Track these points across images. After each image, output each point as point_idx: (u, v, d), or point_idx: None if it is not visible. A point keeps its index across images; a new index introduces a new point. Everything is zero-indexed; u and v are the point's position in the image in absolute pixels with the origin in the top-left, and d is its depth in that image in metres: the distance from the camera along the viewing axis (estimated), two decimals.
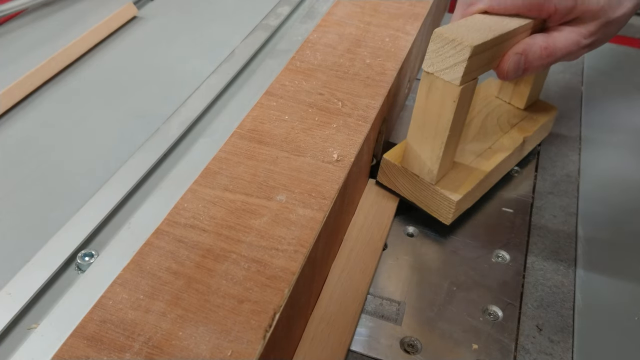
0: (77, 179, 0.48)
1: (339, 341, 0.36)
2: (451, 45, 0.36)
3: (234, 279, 0.30)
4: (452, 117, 0.39)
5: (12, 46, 0.62)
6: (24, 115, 0.54)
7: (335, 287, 0.39)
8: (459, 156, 0.46)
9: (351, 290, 0.39)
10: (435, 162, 0.42)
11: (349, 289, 0.39)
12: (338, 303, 0.38)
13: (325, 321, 0.37)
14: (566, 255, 0.44)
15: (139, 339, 0.27)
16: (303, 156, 0.38)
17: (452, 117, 0.39)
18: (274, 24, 0.65)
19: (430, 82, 0.39)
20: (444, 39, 0.36)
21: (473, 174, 0.45)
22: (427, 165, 0.43)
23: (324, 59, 0.47)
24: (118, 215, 0.44)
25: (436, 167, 0.42)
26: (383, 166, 0.46)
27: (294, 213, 0.34)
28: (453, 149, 0.43)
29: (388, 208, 0.46)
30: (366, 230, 0.44)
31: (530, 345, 0.38)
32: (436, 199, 0.44)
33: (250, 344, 0.27)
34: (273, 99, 0.42)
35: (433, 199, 0.44)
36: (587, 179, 0.50)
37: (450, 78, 0.37)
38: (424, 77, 0.39)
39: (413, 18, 0.53)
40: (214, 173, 0.36)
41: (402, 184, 0.45)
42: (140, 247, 0.32)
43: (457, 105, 0.38)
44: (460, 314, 0.39)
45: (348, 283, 0.40)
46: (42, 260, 0.39)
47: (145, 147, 0.49)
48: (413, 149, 0.43)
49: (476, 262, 0.43)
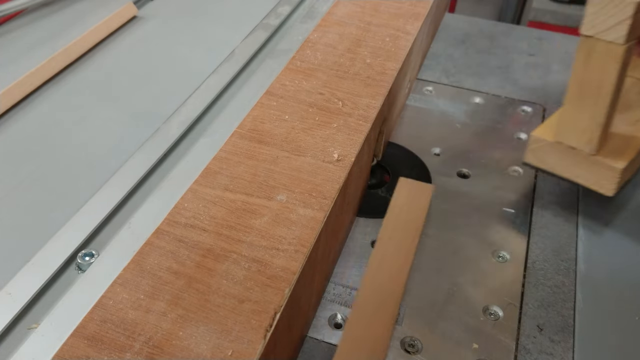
0: (77, 179, 0.48)
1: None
2: (613, 4, 0.37)
3: (234, 278, 0.30)
4: (616, 79, 0.39)
5: (12, 46, 0.62)
6: (24, 115, 0.54)
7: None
8: (612, 126, 0.44)
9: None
10: (596, 131, 0.41)
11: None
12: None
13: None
14: (567, 255, 0.44)
15: (139, 339, 0.27)
16: (303, 156, 0.38)
17: (615, 79, 0.39)
18: (274, 24, 0.65)
19: (590, 47, 0.39)
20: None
21: (632, 142, 0.44)
22: (585, 136, 0.42)
23: (325, 58, 0.47)
24: (118, 215, 0.44)
25: (597, 136, 0.41)
26: (532, 144, 0.45)
27: (294, 213, 0.34)
28: (612, 116, 0.42)
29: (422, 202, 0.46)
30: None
31: (531, 345, 0.38)
32: (598, 170, 0.42)
33: (251, 343, 0.27)
34: (273, 99, 0.42)
35: (593, 171, 0.43)
36: None
37: (613, 37, 0.38)
38: (582, 43, 0.39)
39: (413, 18, 0.53)
40: (214, 173, 0.36)
41: (556, 160, 0.44)
42: (140, 247, 0.32)
43: (621, 65, 0.39)
44: (461, 313, 0.39)
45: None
46: (43, 260, 0.39)
47: (145, 147, 0.49)
48: (569, 121, 0.42)
49: (476, 262, 0.43)
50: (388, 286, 0.39)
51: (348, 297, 0.40)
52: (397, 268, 0.40)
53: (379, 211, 0.46)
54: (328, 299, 0.40)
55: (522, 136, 0.54)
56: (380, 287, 0.39)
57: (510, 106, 0.58)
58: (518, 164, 0.51)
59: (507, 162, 0.52)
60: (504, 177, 0.50)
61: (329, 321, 0.38)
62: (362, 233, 0.44)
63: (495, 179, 0.50)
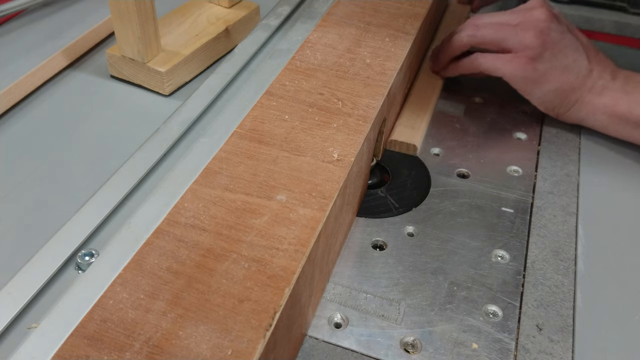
0: (77, 179, 0.48)
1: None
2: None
3: (234, 278, 0.30)
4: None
5: (12, 46, 0.62)
6: (24, 115, 0.54)
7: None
8: (170, 44, 0.58)
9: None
10: (139, 43, 0.53)
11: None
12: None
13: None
14: (566, 254, 0.44)
15: (139, 339, 0.27)
16: (303, 156, 0.38)
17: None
18: (274, 24, 0.65)
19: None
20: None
21: (178, 53, 0.57)
22: (134, 48, 0.54)
23: (324, 58, 0.47)
24: (118, 215, 0.44)
25: (142, 48, 0.54)
26: (109, 60, 0.57)
27: (294, 212, 0.34)
28: (152, 32, 0.54)
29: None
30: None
31: (531, 344, 0.38)
32: (151, 75, 0.56)
33: (251, 343, 0.27)
34: (273, 99, 0.42)
35: (149, 76, 0.56)
36: (587, 179, 0.50)
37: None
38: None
39: (413, 18, 0.53)
40: (214, 173, 0.36)
41: (127, 70, 0.57)
42: (140, 246, 0.32)
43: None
44: (460, 313, 0.39)
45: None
46: (43, 260, 0.39)
47: (145, 147, 0.49)
48: (122, 37, 0.54)
49: (476, 261, 0.43)
50: None
51: (348, 297, 0.40)
52: None
53: (379, 211, 0.46)
54: (328, 299, 0.40)
55: (522, 136, 0.55)
56: None
57: (510, 105, 0.58)
58: (518, 164, 0.51)
59: (507, 162, 0.52)
60: (503, 177, 0.50)
61: (329, 321, 0.38)
62: (362, 233, 0.45)
63: (495, 178, 0.50)
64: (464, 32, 0.53)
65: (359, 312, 0.39)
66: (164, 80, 0.56)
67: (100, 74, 0.60)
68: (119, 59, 0.57)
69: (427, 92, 0.57)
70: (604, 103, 0.50)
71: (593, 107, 0.51)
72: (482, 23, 0.53)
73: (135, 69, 0.57)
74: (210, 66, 0.61)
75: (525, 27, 0.50)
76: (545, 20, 0.50)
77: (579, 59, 0.51)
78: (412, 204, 0.47)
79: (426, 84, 0.58)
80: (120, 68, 0.58)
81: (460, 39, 0.54)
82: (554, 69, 0.50)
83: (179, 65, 0.56)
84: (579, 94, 0.51)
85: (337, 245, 0.41)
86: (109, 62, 0.58)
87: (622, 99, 0.50)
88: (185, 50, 0.57)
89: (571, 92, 0.51)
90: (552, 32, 0.50)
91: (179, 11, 0.63)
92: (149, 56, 0.56)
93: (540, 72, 0.50)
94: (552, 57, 0.50)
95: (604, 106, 0.50)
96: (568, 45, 0.51)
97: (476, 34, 0.53)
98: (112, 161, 0.48)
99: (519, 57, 0.50)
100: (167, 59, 0.56)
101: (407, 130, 0.52)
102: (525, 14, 0.51)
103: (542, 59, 0.50)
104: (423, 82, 0.59)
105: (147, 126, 0.52)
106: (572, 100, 0.51)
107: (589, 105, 0.51)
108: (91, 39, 0.63)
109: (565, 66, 0.50)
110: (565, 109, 0.52)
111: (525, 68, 0.50)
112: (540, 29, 0.50)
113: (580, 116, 0.52)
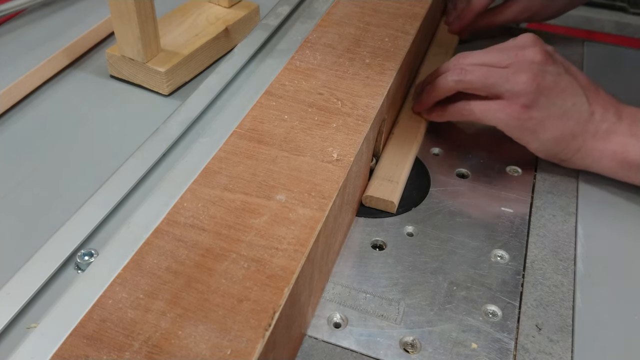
0: (76, 178, 0.48)
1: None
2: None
3: (233, 278, 0.30)
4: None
5: (12, 46, 0.62)
6: (24, 115, 0.54)
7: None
8: (170, 44, 0.58)
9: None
10: (139, 43, 0.54)
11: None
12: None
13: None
14: (565, 254, 0.44)
15: (138, 338, 0.27)
16: (303, 156, 0.38)
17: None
18: (274, 24, 0.65)
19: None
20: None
21: (178, 53, 0.57)
22: (134, 48, 0.54)
23: (324, 58, 0.47)
24: (118, 215, 0.44)
25: (141, 48, 0.54)
26: (108, 60, 0.57)
27: (293, 212, 0.34)
28: (152, 32, 0.54)
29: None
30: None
31: (530, 344, 0.38)
32: (151, 75, 0.56)
33: (250, 342, 0.27)
34: (273, 99, 0.42)
35: (149, 75, 0.56)
36: (586, 179, 0.50)
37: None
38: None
39: (412, 18, 0.53)
40: (213, 172, 0.36)
41: (127, 70, 0.57)
42: (140, 246, 0.32)
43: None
44: (460, 313, 0.39)
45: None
46: (42, 260, 0.39)
47: (145, 146, 0.49)
48: (121, 37, 0.55)
49: (476, 261, 0.43)
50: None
51: (347, 297, 0.40)
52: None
53: (379, 211, 0.46)
54: (327, 299, 0.40)
55: None
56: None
57: None
58: (517, 164, 0.51)
59: (507, 162, 0.52)
60: (503, 177, 0.50)
61: (328, 320, 0.38)
62: (362, 233, 0.45)
63: (495, 178, 0.50)
64: (450, 77, 0.48)
65: (359, 311, 0.39)
66: (163, 80, 0.56)
67: (100, 74, 0.60)
68: (119, 58, 0.57)
69: (409, 136, 0.52)
70: (612, 149, 0.46)
71: (599, 154, 0.46)
72: (470, 65, 0.48)
73: (135, 68, 0.57)
74: (209, 66, 0.62)
75: (518, 70, 0.45)
76: (540, 62, 0.46)
77: (578, 103, 0.46)
78: (411, 204, 0.47)
79: (408, 125, 0.53)
80: (120, 68, 0.58)
81: (446, 83, 0.48)
82: (551, 116, 0.45)
83: (178, 65, 0.57)
84: (581, 141, 0.46)
85: (337, 245, 0.41)
86: (108, 62, 0.58)
87: (631, 144, 0.45)
88: (185, 50, 0.58)
89: (572, 139, 0.46)
90: (547, 74, 0.45)
91: (178, 11, 0.63)
92: (149, 56, 0.56)
93: (536, 120, 0.46)
94: (549, 102, 0.45)
95: (612, 153, 0.46)
96: (565, 88, 0.46)
97: (464, 79, 0.47)
98: (111, 161, 0.48)
99: (512, 105, 0.46)
100: (166, 58, 0.56)
101: (385, 184, 0.47)
102: (517, 53, 0.46)
103: (537, 106, 0.45)
104: (405, 124, 0.53)
105: (147, 126, 0.52)
106: (574, 148, 0.47)
107: (594, 152, 0.46)
108: (91, 39, 0.63)
109: (563, 112, 0.45)
110: (568, 156, 0.48)
111: (520, 117, 0.46)
112: (534, 72, 0.45)
113: (586, 163, 0.48)
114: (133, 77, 0.57)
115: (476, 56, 0.48)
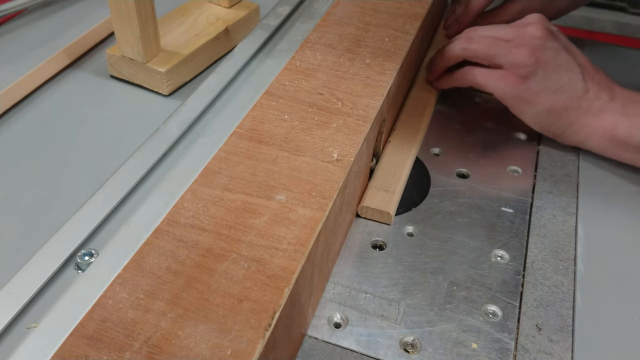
0: (76, 178, 0.48)
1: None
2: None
3: (233, 278, 0.30)
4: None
5: (12, 46, 0.62)
6: (23, 115, 0.54)
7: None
8: (170, 44, 0.58)
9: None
10: (139, 43, 0.54)
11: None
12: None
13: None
14: (566, 254, 0.44)
15: (138, 338, 0.27)
16: (303, 156, 0.38)
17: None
18: (274, 24, 0.65)
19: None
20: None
21: (178, 53, 0.57)
22: (134, 48, 0.55)
23: (324, 58, 0.47)
24: (118, 215, 0.44)
25: (141, 48, 0.54)
26: (109, 60, 0.57)
27: (293, 212, 0.34)
28: (152, 32, 0.54)
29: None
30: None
31: (530, 344, 0.38)
32: (151, 74, 0.56)
33: (250, 343, 0.27)
34: (273, 99, 0.42)
35: (149, 75, 0.56)
36: (586, 179, 0.50)
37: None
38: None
39: (413, 18, 0.53)
40: (213, 173, 0.36)
41: (127, 70, 0.57)
42: (140, 246, 0.32)
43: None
44: (460, 313, 0.39)
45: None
46: (42, 260, 0.39)
47: (145, 147, 0.49)
48: (121, 37, 0.55)
49: (476, 261, 0.43)
50: None
51: (347, 297, 0.40)
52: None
53: None
54: (328, 299, 0.40)
55: (522, 136, 0.55)
56: None
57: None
58: (518, 164, 0.51)
59: (507, 162, 0.52)
60: (503, 177, 0.50)
61: (329, 320, 0.38)
62: (362, 233, 0.45)
63: (495, 178, 0.50)
64: (457, 44, 0.52)
65: (359, 312, 0.39)
66: (163, 80, 0.56)
67: (100, 74, 0.60)
68: (119, 58, 0.57)
69: (410, 136, 0.52)
70: (603, 126, 0.48)
71: (591, 130, 0.49)
72: (476, 36, 0.51)
73: (135, 68, 0.57)
74: (210, 66, 0.62)
75: (519, 44, 0.49)
76: (540, 38, 0.49)
77: (573, 79, 0.49)
78: (411, 204, 0.47)
79: (408, 125, 0.54)
80: (120, 68, 0.58)
81: (452, 50, 0.53)
82: (546, 88, 0.48)
83: (178, 65, 0.57)
84: (573, 116, 0.49)
85: (337, 245, 0.41)
86: (108, 62, 0.58)
87: (621, 122, 0.48)
88: (185, 50, 0.58)
89: (564, 113, 0.49)
90: (546, 50, 0.48)
91: (178, 11, 0.63)
92: (149, 56, 0.56)
93: (531, 91, 0.49)
94: (545, 76, 0.48)
95: (603, 130, 0.49)
96: (562, 64, 0.49)
97: (468, 47, 0.51)
98: (111, 161, 0.48)
99: (511, 75, 0.49)
100: (166, 59, 0.56)
101: (380, 193, 0.46)
102: (520, 29, 0.50)
103: (534, 78, 0.48)
104: (405, 123, 0.54)
105: (147, 126, 0.52)
106: (566, 122, 0.50)
107: (585, 128, 0.49)
108: (91, 39, 0.63)
109: (558, 86, 0.48)
110: (560, 130, 0.51)
111: (517, 87, 0.49)
112: (534, 47, 0.48)
113: (578, 139, 0.51)
114: (133, 77, 0.57)
115: (484, 29, 0.52)
